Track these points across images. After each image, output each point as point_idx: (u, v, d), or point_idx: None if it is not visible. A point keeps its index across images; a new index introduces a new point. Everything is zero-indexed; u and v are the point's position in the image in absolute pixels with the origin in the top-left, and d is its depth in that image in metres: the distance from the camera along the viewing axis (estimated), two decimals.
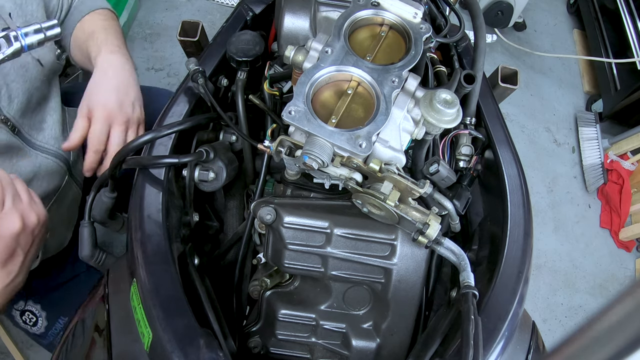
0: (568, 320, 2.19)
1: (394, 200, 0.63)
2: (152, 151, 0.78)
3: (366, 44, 0.73)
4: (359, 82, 0.68)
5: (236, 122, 0.85)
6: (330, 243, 0.72)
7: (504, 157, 0.83)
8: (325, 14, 0.82)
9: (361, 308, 0.77)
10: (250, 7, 1.01)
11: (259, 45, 0.87)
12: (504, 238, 0.73)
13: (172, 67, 2.40)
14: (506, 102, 1.24)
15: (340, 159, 0.64)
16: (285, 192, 0.82)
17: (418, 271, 0.72)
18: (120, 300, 0.73)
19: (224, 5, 1.78)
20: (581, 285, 2.29)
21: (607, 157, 2.47)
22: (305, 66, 0.69)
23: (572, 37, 3.03)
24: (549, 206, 2.45)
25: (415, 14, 0.72)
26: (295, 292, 0.80)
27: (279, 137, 0.66)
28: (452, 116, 0.66)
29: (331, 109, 0.66)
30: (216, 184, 0.81)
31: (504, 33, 2.63)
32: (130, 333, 0.67)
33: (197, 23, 1.11)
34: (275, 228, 0.72)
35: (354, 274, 0.73)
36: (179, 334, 0.60)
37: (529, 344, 0.75)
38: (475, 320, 0.60)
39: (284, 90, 0.86)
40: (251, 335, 0.80)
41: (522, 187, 0.80)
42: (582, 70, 2.90)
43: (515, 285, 0.70)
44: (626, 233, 2.37)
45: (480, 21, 0.94)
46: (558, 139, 2.65)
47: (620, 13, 2.47)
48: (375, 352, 0.76)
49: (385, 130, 0.67)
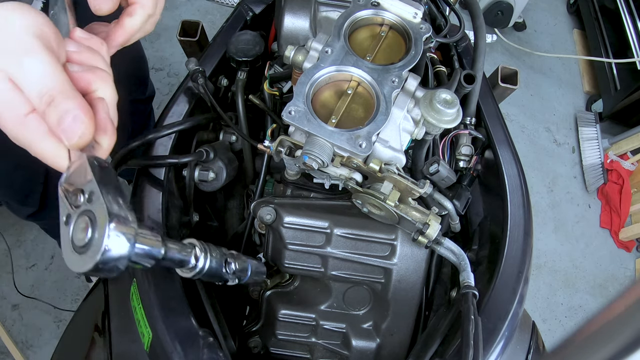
0: (568, 320, 2.20)
1: (394, 200, 0.63)
2: (152, 151, 0.78)
3: (366, 44, 0.73)
4: (359, 82, 0.68)
5: (236, 122, 0.85)
6: (330, 243, 0.72)
7: (504, 157, 0.83)
8: (325, 14, 0.82)
9: (361, 308, 0.77)
10: (250, 7, 1.01)
11: (259, 45, 0.87)
12: (504, 238, 0.73)
13: (172, 67, 2.40)
14: (506, 102, 1.24)
15: (340, 159, 0.64)
16: (285, 192, 0.82)
17: (418, 271, 0.72)
18: (120, 300, 0.73)
19: (224, 5, 1.78)
20: (581, 285, 2.29)
21: (607, 157, 2.47)
22: (305, 66, 0.69)
23: (572, 37, 3.03)
24: (549, 206, 2.45)
25: (415, 14, 0.72)
26: (295, 292, 0.80)
27: (279, 137, 0.66)
28: (452, 116, 0.66)
29: (331, 109, 0.66)
30: (216, 184, 0.81)
31: (504, 33, 2.63)
32: (130, 333, 0.67)
33: (197, 23, 1.11)
34: (275, 228, 0.72)
35: (354, 274, 0.73)
36: (179, 334, 0.60)
37: (529, 344, 0.75)
38: (475, 320, 0.60)
39: (284, 90, 0.86)
40: (251, 335, 0.80)
41: (522, 187, 0.80)
42: (582, 70, 2.90)
43: (515, 285, 0.70)
44: (626, 233, 2.37)
45: (480, 21, 0.94)
46: (558, 139, 2.65)
47: (620, 13, 2.47)
48: (375, 352, 0.76)
49: (385, 130, 0.67)
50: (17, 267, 1.86)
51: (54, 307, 1.80)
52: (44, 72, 0.42)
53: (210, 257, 0.54)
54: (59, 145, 0.44)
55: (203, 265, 0.53)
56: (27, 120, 0.43)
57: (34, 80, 0.42)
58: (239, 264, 0.59)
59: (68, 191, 0.45)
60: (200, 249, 0.54)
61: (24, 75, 0.42)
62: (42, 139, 0.44)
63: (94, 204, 0.42)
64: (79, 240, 0.41)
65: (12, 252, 1.87)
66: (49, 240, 1.90)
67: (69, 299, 1.84)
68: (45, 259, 1.91)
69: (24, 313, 1.81)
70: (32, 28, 0.44)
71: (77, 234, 0.42)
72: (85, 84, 0.47)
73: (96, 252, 0.40)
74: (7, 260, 1.86)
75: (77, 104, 0.43)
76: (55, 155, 0.44)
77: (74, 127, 0.42)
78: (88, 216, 0.42)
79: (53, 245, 1.90)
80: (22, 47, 0.43)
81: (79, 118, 0.43)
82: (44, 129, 0.44)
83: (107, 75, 0.49)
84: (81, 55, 0.49)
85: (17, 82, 0.43)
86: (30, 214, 1.42)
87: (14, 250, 1.89)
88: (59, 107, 0.42)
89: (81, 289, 1.87)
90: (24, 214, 1.43)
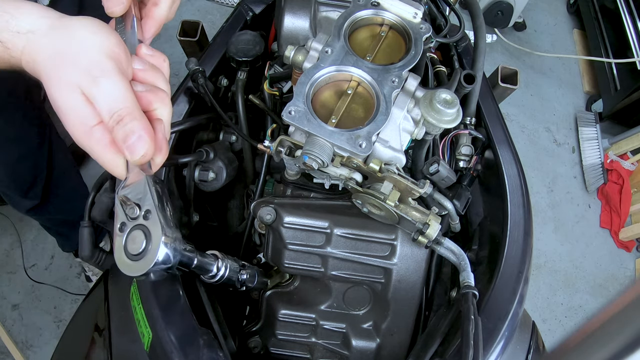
0: (568, 320, 2.19)
1: (394, 200, 0.63)
2: None
3: (366, 44, 0.73)
4: (359, 82, 0.68)
5: (236, 122, 0.85)
6: (330, 243, 0.72)
7: (504, 157, 0.83)
8: (325, 14, 0.82)
9: (361, 308, 0.77)
10: (250, 7, 1.01)
11: (259, 45, 0.87)
12: (504, 238, 0.73)
13: (172, 67, 2.38)
14: (506, 102, 1.24)
15: (340, 159, 0.64)
16: (285, 192, 0.82)
17: (418, 271, 0.72)
18: (120, 300, 0.73)
19: (224, 5, 1.78)
20: (581, 285, 2.29)
21: (607, 157, 2.47)
22: (305, 66, 0.69)
23: (572, 37, 3.03)
24: (549, 206, 2.45)
25: (415, 14, 0.72)
26: (295, 292, 0.80)
27: (279, 137, 0.66)
28: (452, 116, 0.66)
29: (331, 109, 0.66)
30: (216, 184, 0.81)
31: (504, 33, 2.63)
32: (130, 333, 0.67)
33: (197, 23, 1.11)
34: (275, 228, 0.72)
35: (354, 274, 0.73)
36: (179, 334, 0.60)
37: (529, 344, 0.75)
38: (475, 320, 0.60)
39: (284, 90, 0.86)
40: (251, 335, 0.80)
41: (522, 187, 0.80)
42: (582, 70, 2.90)
43: (515, 285, 0.70)
44: (626, 233, 2.37)
45: (480, 21, 0.94)
46: (558, 139, 2.65)
47: (620, 13, 2.47)
48: (375, 352, 0.76)
49: (385, 130, 0.67)
50: (17, 267, 1.86)
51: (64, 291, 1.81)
52: (117, 94, 0.48)
53: (228, 267, 0.65)
54: (119, 155, 0.50)
55: (223, 274, 0.64)
56: (93, 131, 0.48)
57: (107, 99, 0.47)
58: (248, 275, 0.69)
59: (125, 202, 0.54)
60: (222, 260, 0.64)
61: (98, 94, 0.47)
62: (104, 148, 0.49)
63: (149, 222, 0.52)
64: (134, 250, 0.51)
65: (12, 252, 1.87)
66: (49, 240, 1.90)
67: (69, 299, 1.84)
68: (45, 259, 1.91)
69: (24, 313, 1.81)
70: (106, 49, 0.49)
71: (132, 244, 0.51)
72: (146, 103, 0.52)
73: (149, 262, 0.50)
74: (8, 260, 1.86)
75: (143, 126, 0.48)
76: (115, 164, 0.50)
77: (138, 146, 0.48)
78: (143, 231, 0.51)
79: (53, 245, 1.89)
80: (97, 67, 0.47)
81: (143, 139, 0.48)
82: (107, 140, 0.49)
83: (166, 95, 0.54)
84: (146, 74, 0.54)
85: (91, 98, 0.47)
86: (31, 207, 1.42)
87: (14, 250, 1.89)
88: (127, 126, 0.47)
89: (81, 289, 1.87)
90: (25, 208, 1.42)
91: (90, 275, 1.85)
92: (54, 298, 1.84)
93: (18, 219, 1.92)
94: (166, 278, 0.65)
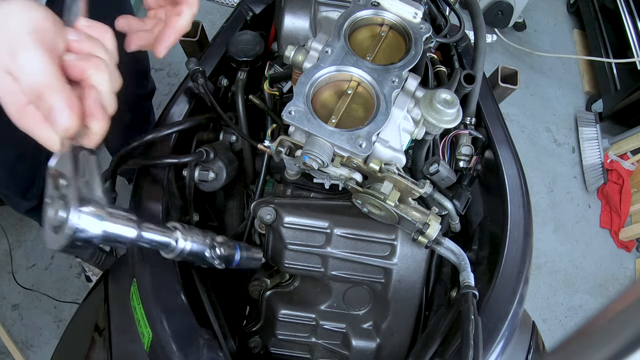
0: (568, 320, 2.19)
1: (394, 200, 0.63)
2: (152, 151, 0.78)
3: (366, 44, 0.73)
4: (359, 82, 0.68)
5: (236, 122, 0.85)
6: (330, 243, 0.72)
7: (504, 157, 0.83)
8: (325, 14, 0.82)
9: (361, 308, 0.77)
10: (250, 7, 1.01)
11: (259, 45, 0.87)
12: (504, 238, 0.73)
13: (172, 67, 2.40)
14: (506, 102, 1.24)
15: (340, 159, 0.64)
16: (285, 192, 0.82)
17: (418, 271, 0.72)
18: (120, 300, 0.73)
19: (224, 5, 1.78)
20: (581, 285, 2.29)
21: (607, 157, 2.47)
22: (305, 66, 0.69)
23: (572, 37, 3.03)
24: (549, 206, 2.45)
25: (415, 14, 0.72)
26: (295, 292, 0.80)
27: (279, 137, 0.66)
28: (452, 116, 0.66)
29: (331, 109, 0.66)
30: (216, 184, 0.81)
31: (504, 33, 2.63)
32: (130, 333, 0.67)
33: (197, 23, 1.11)
34: (275, 228, 0.72)
35: (354, 274, 0.73)
36: (179, 334, 0.60)
37: (529, 344, 0.75)
38: (475, 320, 0.60)
39: (284, 90, 0.86)
40: (251, 335, 0.80)
41: (522, 187, 0.80)
42: (582, 70, 2.90)
43: (515, 285, 0.70)
44: (626, 233, 2.37)
45: (480, 21, 0.94)
46: (558, 139, 2.65)
47: (620, 13, 2.47)
48: (375, 352, 0.76)
49: (385, 130, 0.67)
50: (17, 267, 1.86)
51: (56, 300, 1.80)
52: (34, 67, 0.46)
53: (191, 239, 0.56)
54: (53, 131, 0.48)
55: (184, 247, 0.55)
56: (27, 109, 0.47)
57: (25, 74, 0.46)
58: (225, 250, 0.61)
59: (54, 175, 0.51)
60: (182, 231, 0.56)
61: (16, 69, 0.46)
62: (39, 126, 0.48)
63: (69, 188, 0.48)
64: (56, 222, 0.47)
65: (12, 252, 1.87)
66: None
67: (69, 299, 1.84)
68: (45, 259, 1.91)
69: (24, 313, 1.81)
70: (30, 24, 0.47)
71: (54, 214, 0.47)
72: (79, 72, 0.50)
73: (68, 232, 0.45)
74: (8, 260, 1.87)
75: (63, 98, 0.47)
76: (50, 140, 0.49)
77: (59, 119, 0.46)
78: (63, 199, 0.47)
79: None
80: (16, 43, 0.46)
81: (63, 111, 0.46)
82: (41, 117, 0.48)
83: (101, 62, 0.52)
84: (81, 44, 0.52)
85: (14, 75, 0.47)
86: (29, 208, 1.41)
87: (14, 250, 1.89)
88: (46, 101, 0.46)
89: (81, 289, 1.87)
90: (24, 208, 1.42)
91: (90, 275, 1.85)
92: (54, 298, 1.84)
93: (18, 219, 1.92)
94: (167, 278, 0.65)
